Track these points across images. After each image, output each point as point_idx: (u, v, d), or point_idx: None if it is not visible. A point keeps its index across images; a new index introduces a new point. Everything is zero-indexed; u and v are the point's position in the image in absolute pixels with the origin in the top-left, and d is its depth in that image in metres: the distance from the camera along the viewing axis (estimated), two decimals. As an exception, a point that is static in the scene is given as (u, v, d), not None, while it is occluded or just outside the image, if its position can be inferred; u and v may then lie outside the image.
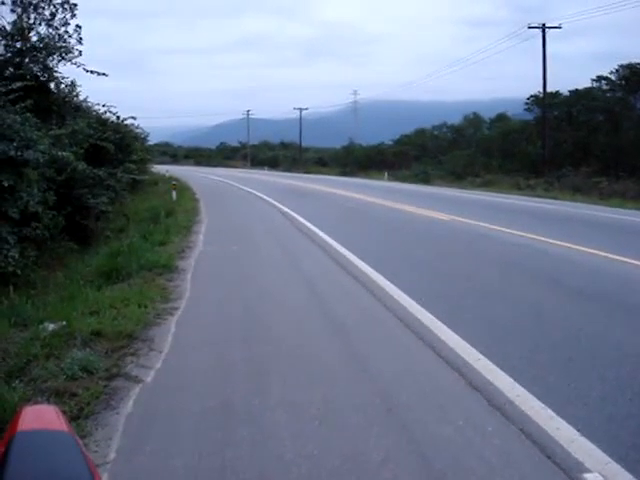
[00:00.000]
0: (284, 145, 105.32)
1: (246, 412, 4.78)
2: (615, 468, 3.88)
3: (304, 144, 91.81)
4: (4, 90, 11.91)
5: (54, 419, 1.37)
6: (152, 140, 45.59)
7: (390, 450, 4.13)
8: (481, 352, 6.05)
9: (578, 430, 4.35)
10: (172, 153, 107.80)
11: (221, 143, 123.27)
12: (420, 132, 70.47)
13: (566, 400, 4.91)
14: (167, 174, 41.49)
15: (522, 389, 5.11)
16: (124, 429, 4.54)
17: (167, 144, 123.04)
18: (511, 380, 5.31)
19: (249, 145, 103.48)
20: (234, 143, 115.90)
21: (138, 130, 28.99)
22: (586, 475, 3.81)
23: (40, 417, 1.37)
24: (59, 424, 1.35)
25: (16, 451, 1.22)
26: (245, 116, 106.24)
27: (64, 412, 4.30)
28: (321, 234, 15.08)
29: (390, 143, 73.97)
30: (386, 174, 53.19)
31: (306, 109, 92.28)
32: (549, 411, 4.67)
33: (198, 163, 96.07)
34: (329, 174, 63.34)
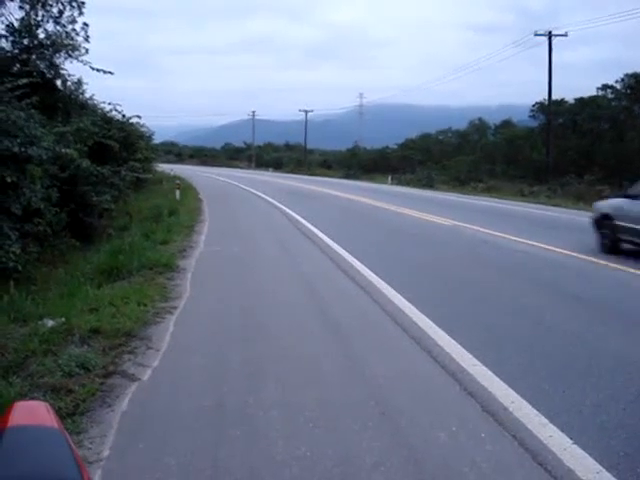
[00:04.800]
0: (289, 147, 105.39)
1: (240, 412, 4.81)
2: (606, 477, 3.89)
3: (309, 146, 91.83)
4: (10, 86, 11.94)
5: (45, 415, 1.39)
6: (157, 139, 45.70)
7: (382, 454, 4.15)
8: (477, 358, 6.06)
9: (571, 438, 4.36)
10: (177, 152, 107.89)
11: (226, 143, 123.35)
12: (425, 136, 70.45)
13: (560, 408, 4.92)
14: (171, 173, 41.56)
15: (516, 395, 5.12)
16: (119, 426, 4.57)
17: (172, 143, 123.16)
18: (506, 386, 5.33)
19: (254, 146, 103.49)
20: (239, 144, 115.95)
21: (143, 129, 29.03)
22: (577, 483, 3.82)
23: (31, 413, 1.39)
24: (49, 420, 1.37)
25: (5, 446, 1.24)
26: (250, 117, 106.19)
27: (58, 408, 4.31)
28: (322, 236, 15.12)
29: (395, 147, 74.02)
30: (389, 178, 53.20)
31: (312, 111, 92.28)
32: (542, 418, 4.68)
33: (203, 163, 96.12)
34: (333, 177, 63.35)
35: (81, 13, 19.35)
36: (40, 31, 18.39)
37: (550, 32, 40.60)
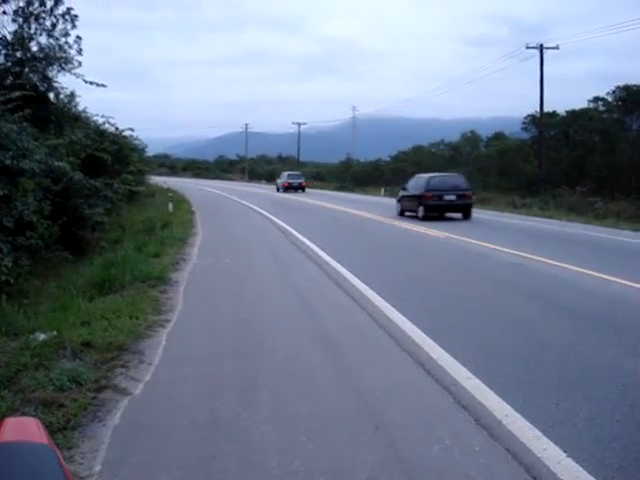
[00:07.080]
0: (282, 159, 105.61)
1: (234, 426, 4.78)
2: (601, 490, 3.88)
3: (302, 159, 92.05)
4: (3, 99, 11.93)
5: (35, 431, 1.38)
6: (150, 151, 45.78)
7: (376, 468, 4.13)
8: (471, 371, 6.05)
9: (565, 451, 4.35)
10: (170, 165, 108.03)
11: (219, 156, 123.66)
12: (418, 149, 70.65)
13: (554, 420, 4.91)
14: (165, 186, 41.57)
15: (510, 408, 5.10)
16: (111, 441, 4.53)
17: (165, 156, 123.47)
18: (499, 399, 5.31)
19: (247, 158, 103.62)
20: (232, 156, 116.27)
21: (136, 141, 29.11)
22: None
23: (21, 429, 1.38)
24: (40, 436, 1.36)
25: (-4, 462, 1.23)
26: (244, 129, 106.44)
27: (49, 423, 4.27)
28: (315, 249, 15.13)
29: (388, 159, 74.19)
30: (383, 190, 53.28)
31: (305, 124, 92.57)
32: (536, 431, 4.66)
33: (196, 175, 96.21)
34: (326, 189, 63.32)
35: (74, 26, 19.42)
36: (33, 44, 18.43)
37: (542, 45, 40.85)
